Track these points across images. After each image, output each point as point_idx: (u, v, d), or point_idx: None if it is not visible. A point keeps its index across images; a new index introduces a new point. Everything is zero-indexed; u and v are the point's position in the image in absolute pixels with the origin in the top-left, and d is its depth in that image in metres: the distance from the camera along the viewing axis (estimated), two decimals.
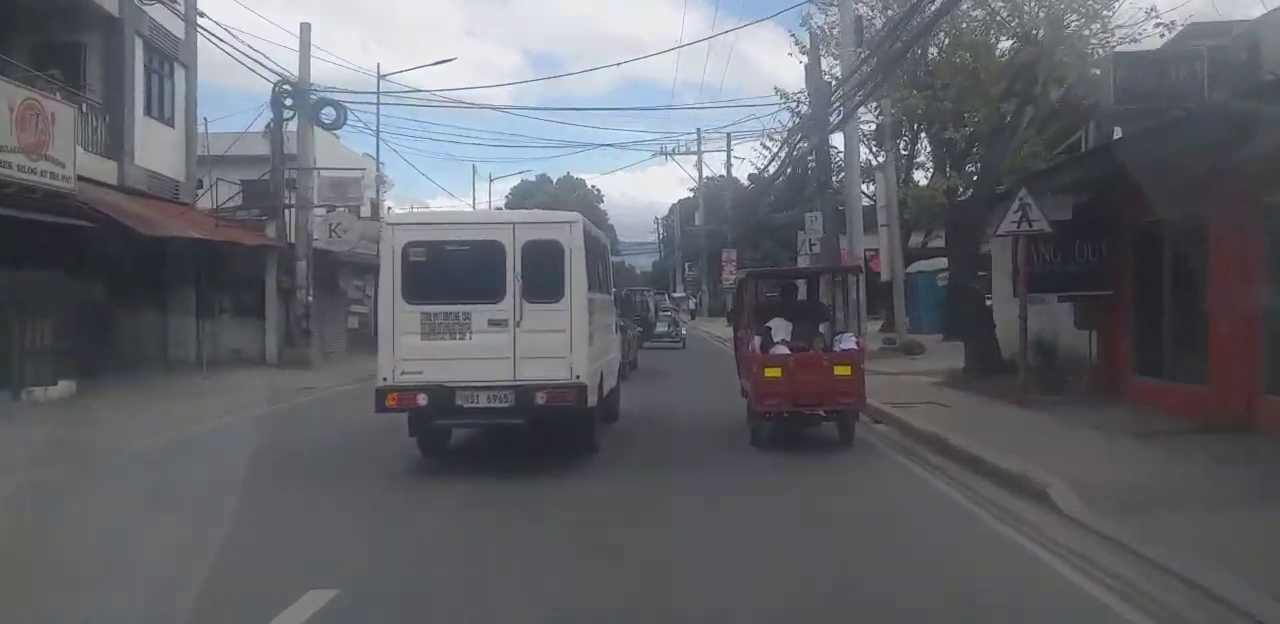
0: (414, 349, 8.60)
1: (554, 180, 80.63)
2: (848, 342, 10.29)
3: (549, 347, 8.61)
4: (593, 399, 9.05)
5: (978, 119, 22.20)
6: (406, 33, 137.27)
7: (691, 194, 77.03)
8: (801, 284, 12.23)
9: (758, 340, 10.19)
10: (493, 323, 8.59)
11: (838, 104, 20.82)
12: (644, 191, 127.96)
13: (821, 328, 10.77)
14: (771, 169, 31.46)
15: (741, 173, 57.87)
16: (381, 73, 28.85)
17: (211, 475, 8.70)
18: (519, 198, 78.01)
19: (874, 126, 24.31)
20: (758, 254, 61.93)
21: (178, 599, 4.96)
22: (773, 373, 9.56)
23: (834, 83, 21.32)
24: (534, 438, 9.41)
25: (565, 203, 78.66)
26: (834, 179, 23.38)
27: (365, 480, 8.75)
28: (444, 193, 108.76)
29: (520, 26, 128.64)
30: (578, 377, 8.65)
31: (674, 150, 59.72)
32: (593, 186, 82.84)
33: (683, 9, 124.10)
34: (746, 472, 8.88)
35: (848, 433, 10.01)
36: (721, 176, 62.74)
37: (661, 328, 29.88)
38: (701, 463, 9.43)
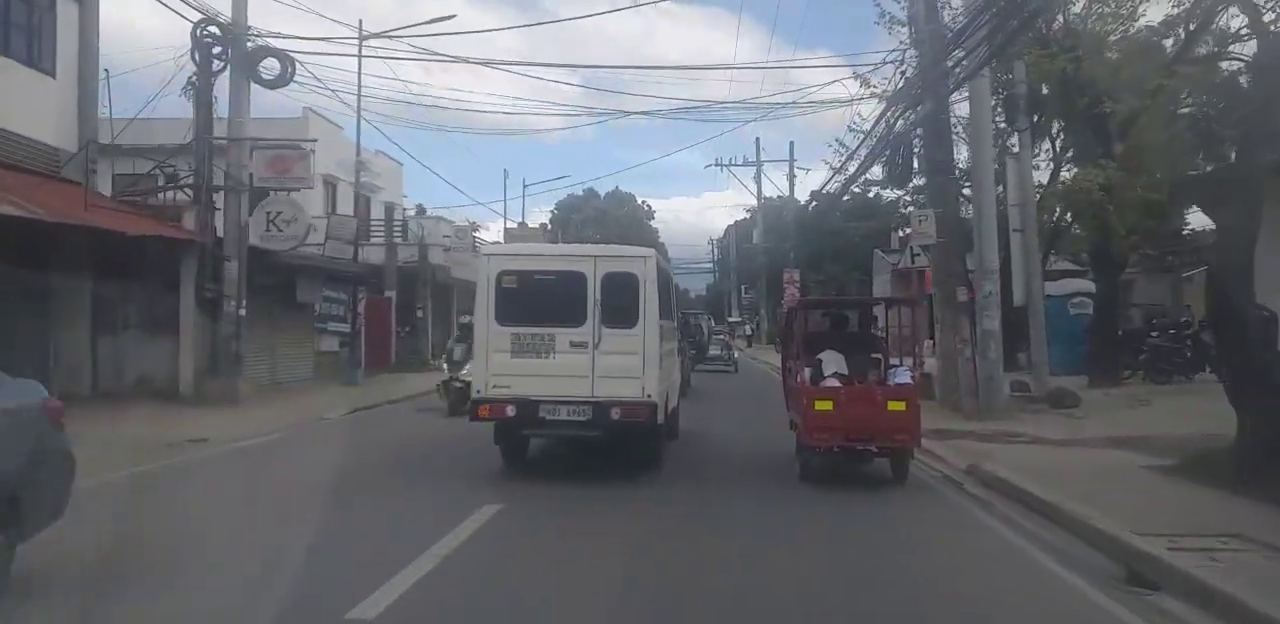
0: (504, 366, 9.39)
1: (601, 195, 75.30)
2: (902, 376, 9.85)
3: (624, 367, 9.31)
4: (661, 417, 9.77)
5: (1153, 87, 16.32)
6: (461, 54, 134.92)
7: (749, 215, 71.64)
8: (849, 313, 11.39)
9: (807, 372, 9.83)
10: (574, 345, 9.36)
11: (957, 59, 14.96)
12: (699, 217, 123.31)
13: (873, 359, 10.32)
14: (850, 169, 25.53)
15: (804, 190, 51.57)
16: (365, 33, 23.54)
17: None
18: (564, 212, 73.04)
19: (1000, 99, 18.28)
20: (821, 276, 55.97)
21: None
22: (823, 406, 9.20)
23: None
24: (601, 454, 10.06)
25: (613, 218, 73.55)
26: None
27: None
28: (465, 198, 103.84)
29: (576, 53, 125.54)
30: (649, 395, 9.35)
31: (730, 161, 54.09)
32: (643, 202, 77.41)
33: (735, 34, 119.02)
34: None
35: (901, 470, 9.49)
36: (781, 197, 56.94)
37: (714, 351, 30.13)
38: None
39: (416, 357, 28.88)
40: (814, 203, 46.91)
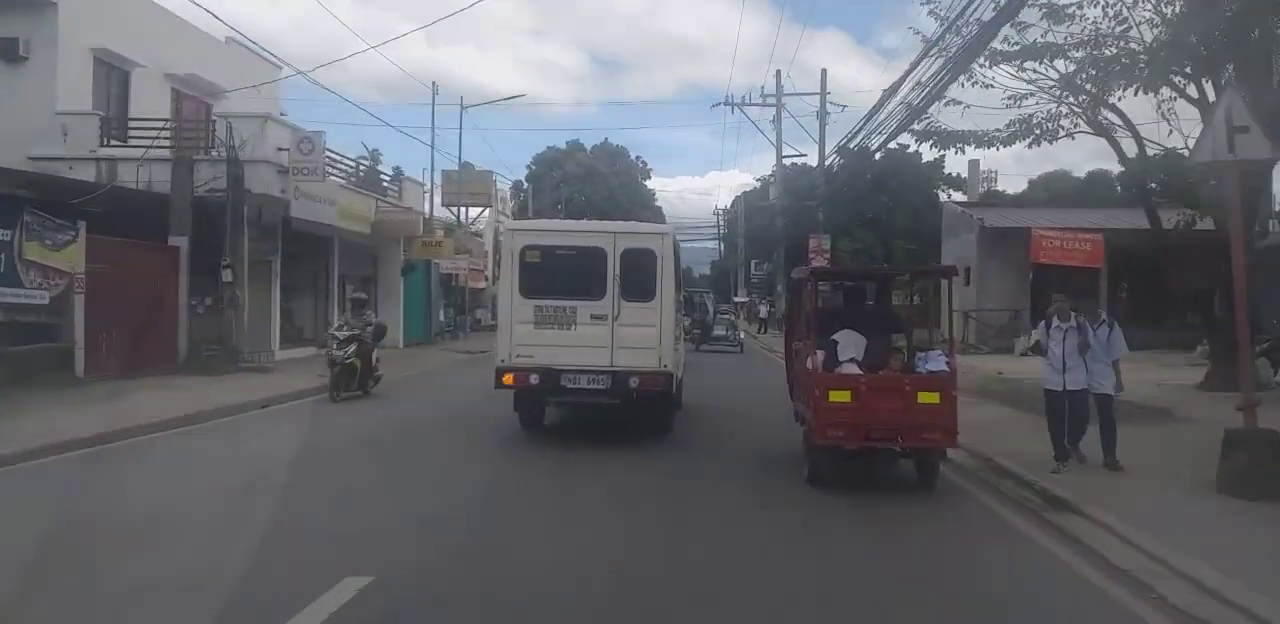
0: (527, 336, 10.14)
1: (588, 148, 63.69)
2: (936, 362, 8.51)
3: (642, 339, 10.07)
4: (674, 386, 10.60)
5: None
6: (470, 29, 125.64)
7: (759, 184, 60.22)
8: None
9: (819, 356, 8.61)
10: (594, 317, 10.13)
11: None
12: (704, 199, 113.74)
13: (897, 342, 9.31)
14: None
15: (837, 132, 39.89)
16: None
17: None
18: (542, 167, 61.54)
19: None
20: (856, 245, 44.66)
21: None
22: (840, 397, 8.00)
23: None
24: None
25: (601, 176, 61.99)
26: None
27: None
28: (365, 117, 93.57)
29: (584, 28, 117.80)
30: (665, 365, 10.15)
31: (744, 99, 42.22)
32: (638, 158, 65.73)
33: (740, 10, 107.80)
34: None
35: (929, 475, 8.33)
36: (800, 164, 45.40)
37: (719, 331, 29.73)
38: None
39: (221, 349, 17.45)
40: (839, 159, 35.35)
